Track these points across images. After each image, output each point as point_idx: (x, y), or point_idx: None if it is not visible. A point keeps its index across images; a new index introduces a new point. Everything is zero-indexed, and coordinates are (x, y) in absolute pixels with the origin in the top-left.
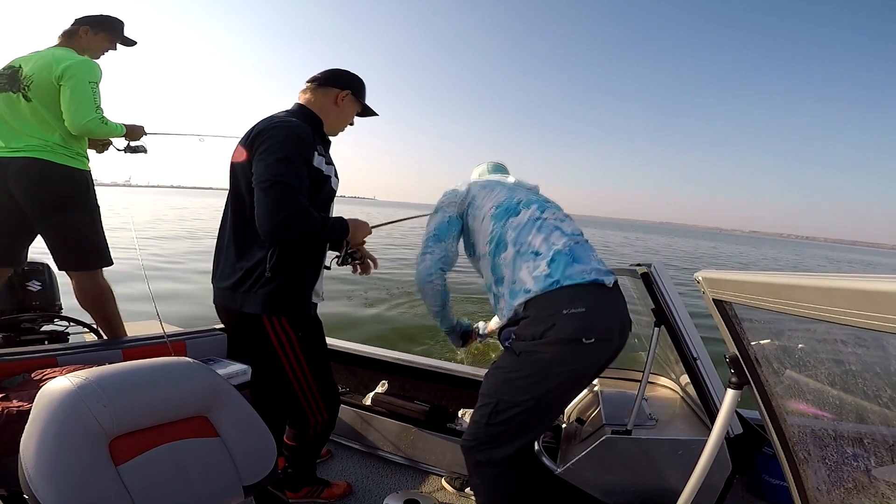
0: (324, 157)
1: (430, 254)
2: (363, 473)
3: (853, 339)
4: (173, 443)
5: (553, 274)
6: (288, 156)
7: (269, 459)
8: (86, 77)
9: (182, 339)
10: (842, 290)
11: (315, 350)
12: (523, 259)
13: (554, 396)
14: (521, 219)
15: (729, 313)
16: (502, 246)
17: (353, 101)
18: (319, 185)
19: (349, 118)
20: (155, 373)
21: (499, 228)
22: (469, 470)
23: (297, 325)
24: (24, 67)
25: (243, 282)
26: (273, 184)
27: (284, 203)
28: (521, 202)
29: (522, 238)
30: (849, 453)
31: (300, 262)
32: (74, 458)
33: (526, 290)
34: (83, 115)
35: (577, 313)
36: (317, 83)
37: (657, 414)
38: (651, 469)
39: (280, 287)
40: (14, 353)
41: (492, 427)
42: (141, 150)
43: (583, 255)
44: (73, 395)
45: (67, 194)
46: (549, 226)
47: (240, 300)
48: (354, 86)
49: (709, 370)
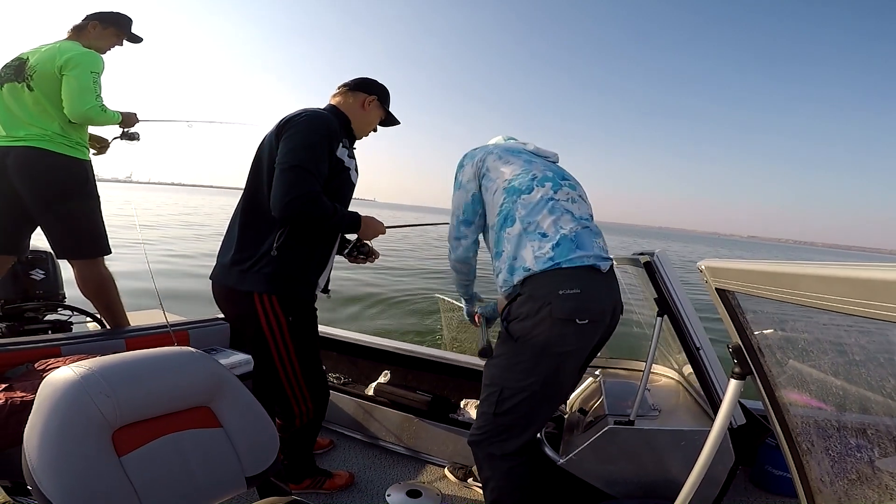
0: (347, 150)
1: (465, 239)
2: (365, 464)
3: (857, 328)
4: (176, 433)
5: (556, 257)
6: (312, 142)
7: (271, 450)
8: (88, 67)
9: (185, 329)
10: (845, 279)
11: (305, 338)
12: (529, 238)
13: (555, 377)
14: (533, 197)
15: (732, 303)
16: (510, 221)
17: (379, 106)
18: (338, 173)
19: (374, 122)
20: (158, 363)
21: (509, 203)
22: (479, 464)
23: (289, 309)
24: (31, 59)
25: (242, 261)
26: (292, 166)
27: (298, 185)
28: (536, 178)
29: (532, 217)
30: (852, 444)
31: (308, 245)
32: (78, 449)
33: (526, 268)
34: (84, 102)
35: (572, 294)
36: (348, 87)
37: (660, 404)
38: (654, 460)
39: (279, 268)
40: (17, 342)
41: (500, 417)
42: (135, 136)
43: (586, 241)
44: (77, 386)
45: (66, 183)
46: (560, 208)
47: (234, 277)
48: (380, 93)
49: (712, 360)
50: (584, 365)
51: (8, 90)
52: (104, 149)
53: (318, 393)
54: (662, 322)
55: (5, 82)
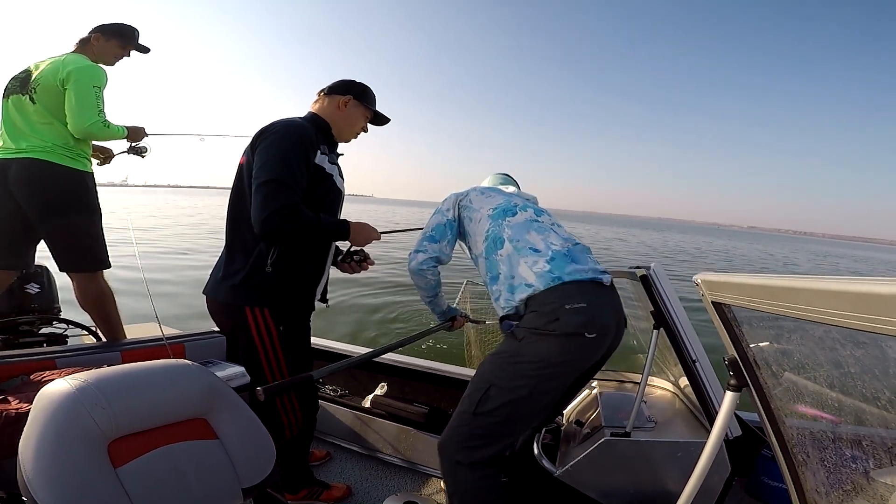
0: (327, 157)
1: (423, 252)
2: (362, 476)
3: (851, 341)
4: (172, 445)
5: (554, 271)
6: (284, 154)
7: (268, 461)
8: (90, 81)
9: (181, 342)
10: (839, 293)
11: (296, 349)
12: (521, 255)
13: (547, 389)
14: (518, 219)
15: (728, 316)
16: (499, 243)
17: (357, 105)
18: (320, 181)
19: (357, 123)
20: (154, 375)
21: (495, 227)
22: (443, 471)
23: (280, 319)
24: (35, 71)
25: (233, 274)
26: (266, 181)
27: (275, 199)
28: (518, 206)
29: (519, 235)
30: (847, 455)
31: (302, 258)
32: (73, 461)
33: (528, 284)
34: (86, 118)
35: (579, 308)
36: (324, 92)
37: (656, 416)
38: (650, 471)
39: (274, 283)
40: (13, 355)
41: (478, 417)
42: (143, 151)
43: (580, 257)
44: (72, 398)
45: (67, 195)
46: (546, 227)
47: (224, 291)
48: (355, 91)
49: (708, 372)
50: (583, 381)
51: (13, 102)
52: (108, 160)
53: (308, 404)
54: (658, 335)
55: (11, 94)
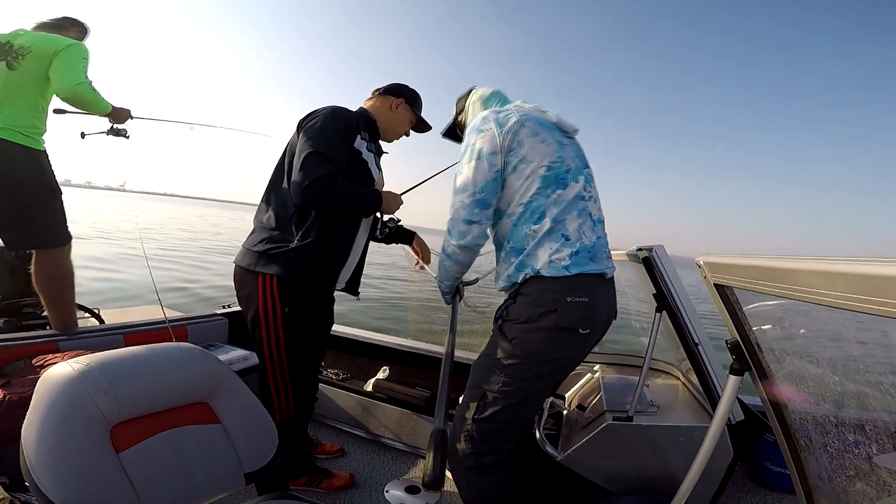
0: (365, 143)
1: (477, 224)
2: (364, 460)
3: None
4: (175, 429)
5: (571, 268)
6: (327, 132)
7: (270, 447)
8: (78, 55)
9: (183, 325)
10: (843, 275)
11: (300, 333)
12: (551, 238)
13: (541, 388)
14: (567, 195)
15: (730, 298)
16: (537, 216)
17: (407, 109)
18: (357, 165)
19: (403, 125)
20: (156, 358)
21: (542, 198)
22: (455, 477)
23: (288, 300)
24: (17, 40)
25: (257, 243)
26: (310, 153)
27: (316, 169)
28: (570, 171)
29: (562, 216)
30: (850, 440)
31: (328, 236)
32: (76, 445)
33: (535, 268)
34: (74, 77)
35: (580, 303)
36: (379, 92)
37: (658, 400)
38: (652, 456)
39: (291, 254)
40: (15, 338)
41: (480, 423)
42: (122, 132)
43: (599, 253)
44: (75, 382)
45: (18, 172)
46: (586, 211)
47: (246, 257)
48: (409, 96)
49: (710, 356)
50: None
51: None
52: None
53: (303, 391)
54: (661, 318)
55: None
